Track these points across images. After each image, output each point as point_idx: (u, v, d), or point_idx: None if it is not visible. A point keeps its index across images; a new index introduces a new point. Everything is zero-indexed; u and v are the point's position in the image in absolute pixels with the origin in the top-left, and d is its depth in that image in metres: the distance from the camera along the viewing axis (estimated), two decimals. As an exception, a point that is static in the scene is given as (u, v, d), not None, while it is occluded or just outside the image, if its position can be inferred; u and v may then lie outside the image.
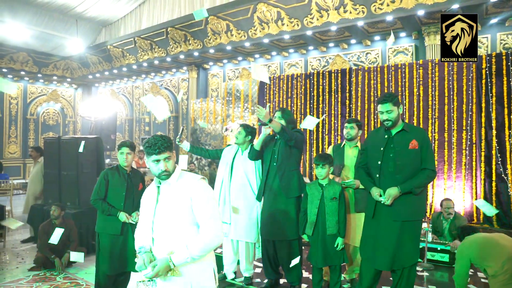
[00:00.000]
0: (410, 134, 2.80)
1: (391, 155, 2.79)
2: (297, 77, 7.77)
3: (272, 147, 3.55)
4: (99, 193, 3.43)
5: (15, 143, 13.33)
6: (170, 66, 11.16)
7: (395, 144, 2.80)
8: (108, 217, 3.42)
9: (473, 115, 5.77)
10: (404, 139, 2.80)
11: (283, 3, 7.41)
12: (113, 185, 3.46)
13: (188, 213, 1.91)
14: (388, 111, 2.77)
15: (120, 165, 3.55)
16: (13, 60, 11.89)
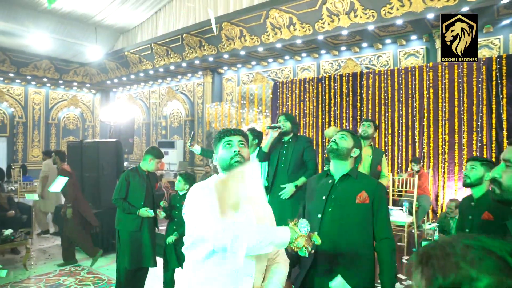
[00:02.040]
0: (358, 182, 2.09)
1: (340, 204, 2.05)
2: (309, 80, 7.93)
3: (280, 150, 3.71)
4: (120, 193, 3.68)
5: (38, 147, 13.84)
6: (186, 71, 11.46)
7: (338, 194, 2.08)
8: (127, 215, 3.67)
9: (483, 117, 5.83)
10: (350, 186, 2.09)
11: (295, 9, 7.59)
12: (134, 185, 3.71)
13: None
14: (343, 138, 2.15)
15: (140, 167, 3.80)
16: (36, 67, 12.40)
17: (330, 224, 2.01)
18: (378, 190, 2.05)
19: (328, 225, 2.02)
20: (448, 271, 0.65)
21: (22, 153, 13.46)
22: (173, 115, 12.82)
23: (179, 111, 12.57)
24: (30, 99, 13.66)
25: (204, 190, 1.55)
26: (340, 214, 2.01)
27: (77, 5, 9.78)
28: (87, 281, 4.36)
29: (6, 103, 12.97)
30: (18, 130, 13.32)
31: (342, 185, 2.08)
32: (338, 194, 2.06)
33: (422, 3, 6.33)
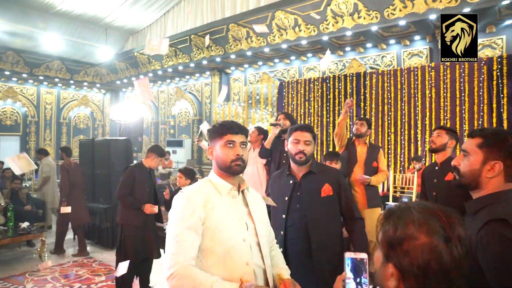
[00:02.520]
0: (320, 176, 2.20)
1: (298, 206, 2.15)
2: (314, 80, 8.09)
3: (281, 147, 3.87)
4: (126, 189, 3.84)
5: (50, 146, 14.17)
6: (194, 71, 11.67)
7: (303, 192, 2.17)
8: (132, 210, 3.82)
9: (484, 116, 5.94)
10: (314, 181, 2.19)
11: (300, 11, 7.75)
12: (139, 181, 3.88)
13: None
14: (307, 142, 2.19)
15: (142, 164, 3.99)
16: (48, 68, 12.72)
17: (298, 222, 2.10)
18: (339, 179, 2.20)
19: (295, 223, 2.11)
20: (398, 227, 0.83)
21: (35, 151, 13.80)
22: (181, 114, 13.05)
23: (187, 111, 12.80)
24: (42, 99, 14.01)
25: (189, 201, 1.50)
26: (307, 210, 2.10)
27: (88, 7, 10.05)
28: (98, 272, 4.59)
29: (19, 102, 13.33)
30: (30, 129, 13.67)
31: (305, 182, 2.17)
32: (302, 192, 2.15)
33: (424, 4, 6.45)
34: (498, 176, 1.31)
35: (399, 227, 0.83)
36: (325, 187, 2.14)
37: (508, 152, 1.30)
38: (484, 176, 1.33)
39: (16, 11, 9.71)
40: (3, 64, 11.73)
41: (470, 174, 1.36)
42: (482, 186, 1.34)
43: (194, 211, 1.46)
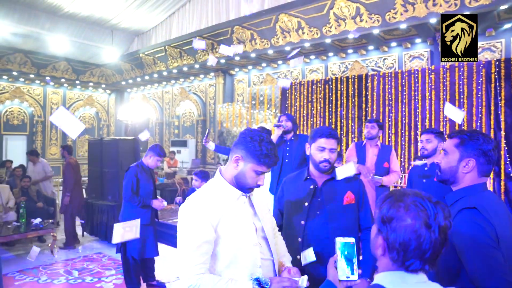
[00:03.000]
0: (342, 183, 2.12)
1: (318, 213, 2.06)
2: (317, 82, 8.25)
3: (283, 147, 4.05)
4: (133, 190, 3.98)
5: (55, 145, 14.40)
6: (198, 72, 11.85)
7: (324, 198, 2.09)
8: (139, 210, 3.95)
9: (482, 118, 6.08)
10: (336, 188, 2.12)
11: (303, 14, 7.91)
12: (143, 181, 4.04)
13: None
14: (332, 150, 2.10)
15: (143, 163, 4.14)
16: (55, 69, 12.94)
17: (319, 229, 2.01)
18: (361, 187, 2.15)
19: (315, 230, 2.02)
20: (391, 208, 1.00)
21: (41, 151, 14.00)
22: (185, 114, 13.24)
23: (192, 111, 12.98)
24: (49, 99, 14.23)
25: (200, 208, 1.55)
26: (328, 218, 2.02)
27: (95, 9, 10.24)
28: (108, 266, 4.77)
29: (26, 102, 13.55)
30: (37, 129, 13.89)
31: (327, 188, 2.09)
32: (323, 198, 2.06)
33: (424, 8, 6.60)
34: (472, 172, 1.50)
35: (392, 208, 1.00)
36: (348, 194, 2.08)
37: (480, 151, 1.48)
38: (460, 171, 1.52)
39: (24, 13, 9.92)
40: (11, 64, 11.96)
41: (449, 170, 1.56)
42: (459, 181, 1.54)
43: (206, 221, 1.51)
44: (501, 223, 1.36)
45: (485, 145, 1.50)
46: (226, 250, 1.55)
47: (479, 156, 1.50)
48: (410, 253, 0.95)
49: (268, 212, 1.81)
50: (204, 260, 1.50)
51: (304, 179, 2.15)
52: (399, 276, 0.98)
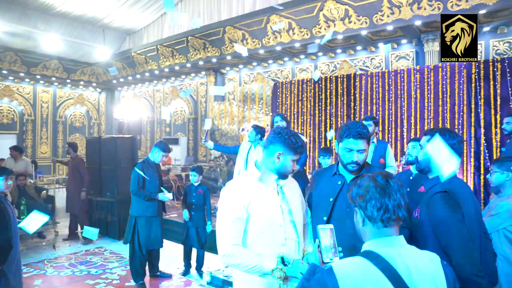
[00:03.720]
0: None
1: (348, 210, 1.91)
2: (307, 81, 8.52)
3: None
4: (139, 184, 4.19)
5: (46, 144, 14.40)
6: (190, 71, 12.02)
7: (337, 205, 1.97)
8: (146, 202, 4.18)
9: (463, 116, 6.44)
10: None
11: (294, 15, 8.17)
12: (149, 175, 4.25)
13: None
14: (360, 151, 1.91)
15: (149, 159, 4.36)
16: (45, 67, 12.94)
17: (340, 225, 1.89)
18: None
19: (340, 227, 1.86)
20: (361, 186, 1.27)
21: (31, 149, 14.02)
22: (176, 113, 13.39)
23: (183, 109, 13.14)
24: (39, 97, 14.21)
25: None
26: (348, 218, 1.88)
27: (88, 8, 10.32)
28: (111, 259, 4.97)
29: (16, 101, 13.52)
30: (27, 128, 13.87)
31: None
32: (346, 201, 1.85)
33: (410, 11, 6.93)
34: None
35: (362, 186, 1.28)
36: None
37: (447, 145, 1.80)
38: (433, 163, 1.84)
39: (16, 12, 9.94)
40: (1, 63, 11.93)
41: (424, 162, 1.86)
42: (432, 170, 1.86)
43: (239, 202, 1.83)
44: (466, 204, 1.69)
45: (450, 140, 1.81)
46: (254, 227, 1.83)
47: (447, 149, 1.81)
48: (381, 219, 1.23)
49: (299, 199, 2.05)
50: (237, 234, 1.80)
51: (332, 174, 2.06)
52: (382, 240, 1.25)
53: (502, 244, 2.51)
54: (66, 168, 13.92)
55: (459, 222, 1.62)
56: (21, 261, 3.11)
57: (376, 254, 1.20)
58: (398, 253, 1.21)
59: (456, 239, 1.60)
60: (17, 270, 3.03)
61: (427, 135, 1.92)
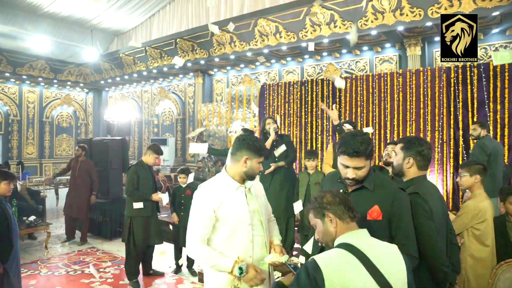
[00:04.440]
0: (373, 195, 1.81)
1: None
2: (294, 84, 8.74)
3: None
4: (134, 185, 4.33)
5: (32, 144, 14.30)
6: (178, 72, 12.12)
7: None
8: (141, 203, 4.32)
9: (443, 118, 6.74)
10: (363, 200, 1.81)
11: (281, 19, 8.38)
12: (143, 177, 4.40)
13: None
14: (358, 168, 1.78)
15: (142, 161, 4.50)
16: (32, 67, 12.86)
17: None
18: (395, 202, 1.77)
19: None
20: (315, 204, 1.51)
21: (17, 150, 13.91)
22: (164, 113, 13.47)
23: (171, 110, 13.23)
24: (25, 97, 14.10)
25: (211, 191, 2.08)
26: None
27: (76, 9, 10.34)
28: (103, 259, 5.08)
29: (0, 101, 13.39)
30: (13, 128, 13.76)
31: (354, 197, 1.80)
32: None
33: (393, 17, 7.20)
34: (413, 167, 2.06)
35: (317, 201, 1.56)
36: (374, 209, 1.76)
37: (416, 151, 2.04)
38: (405, 167, 2.08)
39: (3, 12, 9.90)
40: (-14, 63, 11.83)
41: (397, 166, 2.12)
42: (405, 174, 2.10)
43: (209, 204, 2.03)
44: (434, 203, 1.92)
45: (419, 147, 2.04)
46: (226, 227, 2.04)
47: (416, 155, 2.04)
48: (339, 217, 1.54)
49: (265, 200, 2.29)
50: (204, 233, 2.03)
51: (337, 180, 1.94)
52: (352, 234, 1.50)
53: (471, 242, 2.75)
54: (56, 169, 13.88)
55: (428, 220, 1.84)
56: (20, 260, 3.22)
57: (350, 245, 1.41)
58: (366, 244, 1.45)
59: (425, 234, 1.83)
60: (17, 269, 3.15)
61: (399, 143, 2.15)
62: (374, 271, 1.35)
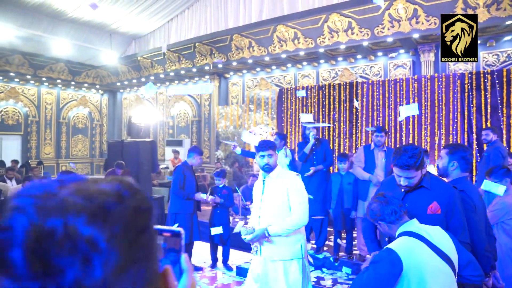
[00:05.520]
0: (431, 193, 2.12)
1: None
2: (311, 88, 9.07)
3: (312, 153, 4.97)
4: (180, 184, 4.69)
5: (50, 145, 14.68)
6: (194, 75, 12.46)
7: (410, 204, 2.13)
8: (185, 201, 4.68)
9: (458, 122, 7.06)
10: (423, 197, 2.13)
11: (300, 26, 8.70)
12: (188, 177, 4.75)
13: (285, 200, 2.64)
14: (408, 178, 2.10)
15: (187, 163, 4.86)
16: (52, 70, 13.24)
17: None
18: (451, 198, 2.07)
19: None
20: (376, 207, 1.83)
21: (36, 150, 14.28)
22: (180, 115, 13.81)
23: (186, 112, 13.57)
24: (43, 99, 14.47)
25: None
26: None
27: (97, 14, 10.67)
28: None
29: (21, 103, 13.77)
30: (31, 129, 14.13)
31: (413, 196, 2.15)
32: (410, 204, 2.11)
33: (409, 25, 7.52)
34: (457, 170, 2.40)
35: (375, 205, 1.82)
36: (433, 204, 2.07)
37: (460, 156, 2.38)
38: (450, 169, 2.42)
39: (28, 17, 10.26)
40: (9, 66, 12.20)
41: (442, 169, 2.46)
42: (449, 175, 2.44)
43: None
44: (477, 200, 2.27)
45: (463, 152, 2.39)
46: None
47: (460, 160, 2.37)
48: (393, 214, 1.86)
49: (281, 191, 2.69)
50: None
51: (396, 184, 2.22)
52: (407, 224, 1.87)
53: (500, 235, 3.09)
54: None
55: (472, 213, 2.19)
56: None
57: (411, 232, 1.76)
58: (420, 229, 1.81)
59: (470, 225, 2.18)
60: None
61: (444, 148, 2.50)
62: (435, 249, 1.69)
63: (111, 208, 0.43)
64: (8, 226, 0.41)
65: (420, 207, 2.08)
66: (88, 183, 0.46)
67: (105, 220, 0.42)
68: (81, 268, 0.39)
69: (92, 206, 0.42)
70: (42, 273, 0.39)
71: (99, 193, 0.44)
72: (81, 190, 0.43)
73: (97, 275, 0.39)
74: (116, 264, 0.41)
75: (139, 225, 0.45)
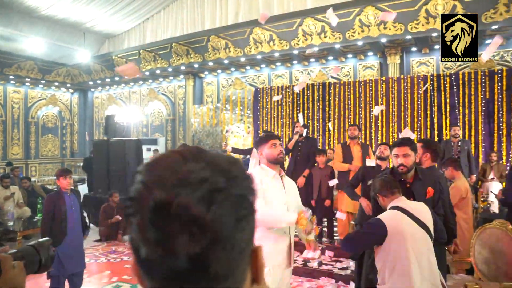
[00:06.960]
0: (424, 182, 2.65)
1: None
2: (286, 88, 9.52)
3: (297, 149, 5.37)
4: None
5: (18, 145, 14.27)
6: (169, 74, 12.59)
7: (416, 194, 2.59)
8: None
9: (421, 120, 7.75)
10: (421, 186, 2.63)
11: (275, 28, 9.13)
12: None
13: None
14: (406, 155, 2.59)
15: None
16: (20, 68, 12.88)
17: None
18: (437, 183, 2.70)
19: None
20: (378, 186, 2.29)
21: (2, 151, 13.85)
22: (154, 114, 13.87)
23: (161, 111, 13.66)
24: (9, 97, 14.04)
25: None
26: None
27: (71, 13, 10.62)
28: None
29: (-14, 101, 13.32)
30: (-3, 128, 13.70)
31: (416, 187, 2.64)
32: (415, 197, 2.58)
33: (377, 30, 8.12)
34: (428, 160, 2.94)
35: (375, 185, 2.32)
36: (428, 190, 2.59)
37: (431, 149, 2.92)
38: (423, 159, 2.97)
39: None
40: (-27, 63, 11.81)
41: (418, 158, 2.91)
42: (422, 164, 2.97)
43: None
44: (444, 183, 2.84)
45: (434, 146, 2.98)
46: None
47: (432, 152, 2.95)
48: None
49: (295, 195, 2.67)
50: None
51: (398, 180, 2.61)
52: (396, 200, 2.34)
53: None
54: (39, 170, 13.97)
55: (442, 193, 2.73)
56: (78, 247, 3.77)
57: (397, 206, 2.25)
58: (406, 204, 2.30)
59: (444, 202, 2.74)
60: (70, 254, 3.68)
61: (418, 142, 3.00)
62: (416, 219, 2.17)
63: (221, 190, 0.48)
64: (133, 197, 0.50)
65: (421, 195, 2.59)
66: (210, 160, 0.51)
67: (214, 201, 0.46)
68: (188, 238, 0.44)
69: (206, 186, 0.47)
70: (154, 240, 0.45)
71: (218, 174, 0.49)
72: (201, 169, 0.49)
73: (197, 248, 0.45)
74: (219, 240, 0.46)
75: (244, 207, 0.50)
